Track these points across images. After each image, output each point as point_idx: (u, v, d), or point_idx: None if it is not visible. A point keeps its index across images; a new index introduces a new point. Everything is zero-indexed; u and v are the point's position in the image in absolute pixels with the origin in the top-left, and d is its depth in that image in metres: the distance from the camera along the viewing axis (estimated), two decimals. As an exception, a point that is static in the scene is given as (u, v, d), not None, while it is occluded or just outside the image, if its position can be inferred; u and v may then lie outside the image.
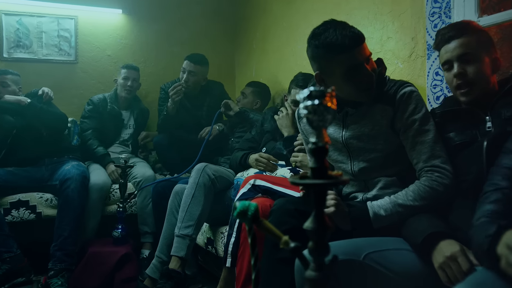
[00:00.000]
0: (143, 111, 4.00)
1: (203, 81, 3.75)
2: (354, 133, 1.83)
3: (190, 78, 3.63)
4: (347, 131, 1.84)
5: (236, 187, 2.72)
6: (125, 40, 4.33)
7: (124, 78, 3.80)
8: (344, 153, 1.89)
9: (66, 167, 3.15)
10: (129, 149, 3.88)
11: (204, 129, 3.67)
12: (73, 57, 4.15)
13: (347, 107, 1.81)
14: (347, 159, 1.88)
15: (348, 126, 1.84)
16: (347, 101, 1.80)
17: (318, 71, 1.77)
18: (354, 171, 1.87)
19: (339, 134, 1.86)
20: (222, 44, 4.61)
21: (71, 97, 4.14)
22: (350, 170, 1.88)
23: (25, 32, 4.01)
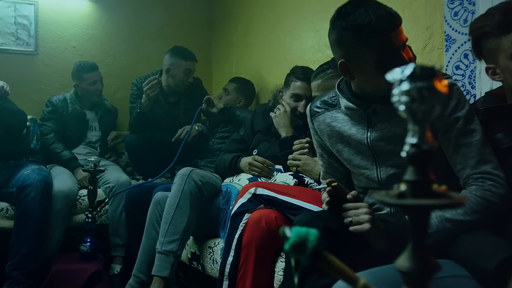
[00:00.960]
0: (109, 110, 3.62)
1: None
2: (382, 134, 1.53)
3: (192, 78, 3.39)
4: (374, 132, 1.54)
5: (225, 194, 2.39)
6: (92, 31, 3.93)
7: (92, 82, 3.40)
8: (369, 157, 1.58)
9: (24, 172, 2.73)
10: (97, 151, 3.47)
11: (182, 128, 3.32)
12: (32, 47, 3.70)
13: (374, 103, 1.51)
14: (372, 164, 1.58)
15: (375, 125, 1.54)
16: (375, 97, 1.50)
17: (344, 58, 1.46)
18: (380, 178, 1.57)
19: (363, 135, 1.56)
20: (197, 37, 4.26)
21: (31, 92, 3.71)
22: (375, 177, 1.58)
23: (-23, 19, 3.54)
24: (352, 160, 1.63)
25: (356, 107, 1.54)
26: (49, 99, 3.39)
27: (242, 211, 1.85)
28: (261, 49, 3.57)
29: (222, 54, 4.23)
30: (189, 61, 3.33)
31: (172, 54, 3.35)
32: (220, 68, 4.26)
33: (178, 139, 3.29)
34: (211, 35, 4.37)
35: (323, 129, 1.67)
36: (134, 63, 4.04)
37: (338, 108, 1.63)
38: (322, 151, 1.73)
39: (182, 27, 4.24)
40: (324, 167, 1.75)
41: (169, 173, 3.54)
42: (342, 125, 1.61)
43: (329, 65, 2.18)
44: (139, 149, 3.29)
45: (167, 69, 3.34)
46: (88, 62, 3.41)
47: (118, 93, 3.96)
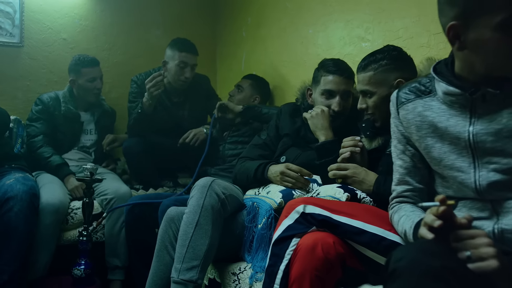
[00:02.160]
0: (106, 112, 3.20)
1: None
2: (489, 128, 1.19)
3: (191, 72, 2.95)
4: (478, 124, 1.20)
5: (251, 210, 2.00)
6: (85, 22, 3.50)
7: (91, 79, 2.98)
8: (467, 157, 1.23)
9: (7, 182, 2.29)
10: (91, 157, 3.05)
11: (188, 132, 2.91)
12: (17, 38, 3.26)
13: (484, 86, 1.16)
14: (469, 166, 1.22)
15: (481, 116, 1.21)
16: (485, 79, 1.18)
17: (456, 20, 1.14)
18: (478, 185, 1.21)
19: (463, 127, 1.23)
20: (201, 31, 3.85)
21: (14, 89, 3.28)
22: (471, 183, 1.22)
23: (-47, 5, 3.10)
24: (443, 160, 1.27)
25: (460, 91, 1.21)
26: (39, 96, 2.96)
27: (289, 235, 1.45)
28: (276, 43, 3.19)
29: (228, 50, 3.83)
30: (183, 52, 2.91)
31: (169, 46, 2.98)
32: (226, 65, 3.86)
33: (183, 144, 2.88)
34: (216, 29, 3.97)
35: (411, 119, 1.34)
36: (132, 59, 3.63)
37: (433, 95, 1.31)
38: (404, 147, 1.41)
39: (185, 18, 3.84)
40: (404, 168, 1.40)
41: (171, 181, 3.14)
42: (437, 114, 1.28)
43: (384, 55, 1.81)
44: (139, 154, 2.89)
45: (164, 62, 2.96)
46: (89, 57, 3.00)
47: (113, 91, 3.54)
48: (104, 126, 3.13)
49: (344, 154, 1.80)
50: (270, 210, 1.86)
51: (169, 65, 2.92)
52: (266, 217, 1.86)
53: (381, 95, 1.80)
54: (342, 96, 2.10)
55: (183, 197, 2.33)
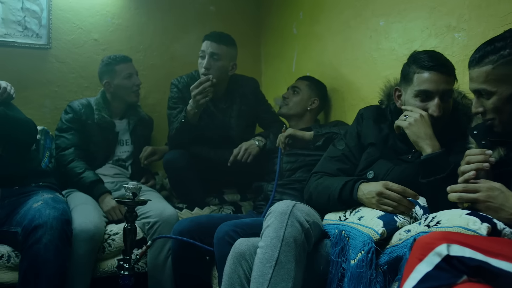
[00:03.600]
0: (143, 120, 2.83)
1: (231, 70, 2.63)
2: None
3: (212, 64, 2.51)
4: None
5: (338, 240, 1.59)
6: (118, 20, 3.15)
7: (127, 75, 2.65)
8: None
9: (34, 204, 1.93)
10: (128, 172, 2.67)
11: (239, 147, 2.51)
12: (44, 40, 2.92)
13: None
14: None
15: None
16: None
17: None
18: None
19: None
20: (243, 30, 3.46)
21: (41, 96, 2.94)
22: None
23: (-26, 2, 2.77)
24: None
25: None
26: (70, 103, 2.62)
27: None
28: (336, 40, 2.77)
29: (275, 50, 3.43)
30: (205, 41, 2.57)
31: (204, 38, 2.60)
32: (273, 67, 3.46)
33: (235, 162, 2.49)
34: (261, 27, 3.58)
35: None
36: (169, 61, 3.27)
37: None
38: None
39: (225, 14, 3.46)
40: None
41: (216, 198, 2.74)
42: None
43: (506, 42, 1.37)
44: (183, 169, 2.53)
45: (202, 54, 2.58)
46: (119, 54, 2.65)
47: (149, 97, 3.18)
48: (140, 136, 2.76)
49: (469, 172, 1.36)
50: (370, 242, 1.43)
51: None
52: (364, 252, 1.44)
53: (503, 94, 1.36)
54: (442, 97, 1.66)
55: (243, 221, 1.96)
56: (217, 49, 2.50)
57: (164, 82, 3.15)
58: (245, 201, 2.83)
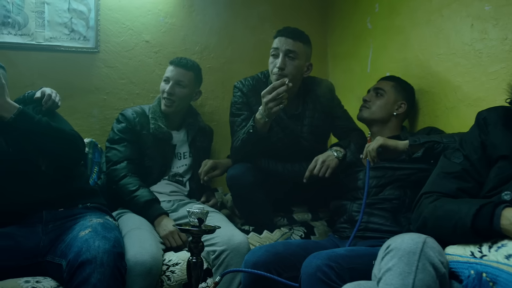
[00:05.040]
0: (203, 130, 2.52)
1: (306, 71, 2.28)
2: None
3: (288, 64, 2.16)
4: None
5: (476, 284, 1.17)
6: (172, 20, 2.84)
7: (164, 79, 2.37)
8: None
9: (81, 233, 1.62)
10: (186, 189, 2.35)
11: (315, 160, 2.14)
12: (91, 43, 2.64)
13: None
14: None
15: None
16: None
17: None
18: None
19: None
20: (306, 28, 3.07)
21: (89, 105, 2.65)
22: None
23: (17, 3, 2.52)
24: None
25: None
26: (123, 111, 2.34)
27: None
28: (424, 32, 2.36)
29: (345, 49, 3.05)
30: (278, 37, 2.21)
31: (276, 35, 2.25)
32: (342, 67, 3.07)
33: (310, 178, 2.12)
34: (327, 24, 3.21)
35: None
36: (228, 63, 2.94)
37: None
38: None
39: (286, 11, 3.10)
40: None
41: (285, 218, 2.38)
42: None
43: None
44: (250, 186, 2.16)
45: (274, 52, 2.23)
46: (180, 57, 2.46)
47: (207, 104, 2.86)
48: (200, 148, 2.44)
49: None
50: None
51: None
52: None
53: None
54: None
55: (337, 252, 1.61)
56: (294, 46, 2.15)
57: (222, 87, 2.86)
58: (317, 221, 2.46)
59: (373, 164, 1.95)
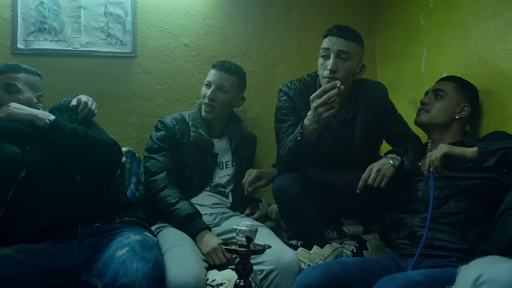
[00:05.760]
0: (246, 138, 2.36)
1: (359, 73, 2.09)
2: None
3: (339, 65, 1.98)
4: None
5: None
6: (211, 21, 2.71)
7: (206, 83, 2.21)
8: None
9: (118, 252, 1.49)
10: (229, 201, 2.20)
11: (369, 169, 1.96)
12: (129, 47, 2.54)
13: None
14: None
15: None
16: None
17: None
18: None
19: None
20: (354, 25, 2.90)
21: (126, 113, 2.56)
22: None
23: (53, 9, 2.44)
24: None
25: None
26: (161, 119, 2.21)
27: None
28: (488, 27, 2.14)
29: (395, 49, 2.84)
30: (329, 36, 2.02)
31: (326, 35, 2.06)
32: (392, 68, 2.87)
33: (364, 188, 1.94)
34: (374, 25, 3.01)
35: None
36: (270, 66, 2.79)
37: None
38: None
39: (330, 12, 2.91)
40: None
41: (334, 231, 2.20)
42: None
43: None
44: (298, 198, 1.98)
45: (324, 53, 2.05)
46: (224, 60, 2.31)
47: (249, 110, 2.70)
48: (243, 157, 2.29)
49: None
50: None
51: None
52: None
53: None
54: None
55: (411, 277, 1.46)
56: (346, 47, 1.97)
57: (264, 91, 2.72)
58: (368, 234, 2.26)
59: (437, 175, 1.75)
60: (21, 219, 1.66)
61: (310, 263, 1.96)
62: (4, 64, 1.90)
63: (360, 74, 2.09)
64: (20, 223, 1.65)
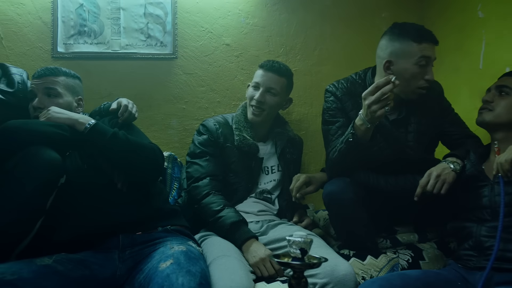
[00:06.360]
0: (293, 141, 2.24)
1: None
2: None
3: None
4: None
5: None
6: (253, 20, 2.60)
7: (254, 85, 2.10)
8: None
9: (161, 265, 1.40)
10: (275, 208, 2.08)
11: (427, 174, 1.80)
12: (169, 48, 2.47)
13: None
14: None
15: None
16: None
17: None
18: None
19: None
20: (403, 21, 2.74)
21: (167, 116, 2.50)
22: None
23: (93, 11, 2.39)
24: None
25: None
26: (204, 122, 2.12)
27: None
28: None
29: (449, 43, 2.64)
30: (425, 43, 1.86)
31: (392, 37, 1.90)
32: (446, 64, 2.68)
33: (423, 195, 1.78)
34: (425, 17, 2.83)
35: None
36: (316, 65, 2.66)
37: None
38: None
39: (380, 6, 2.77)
40: None
41: (388, 240, 2.05)
42: None
43: None
44: (350, 204, 1.85)
45: (387, 63, 1.88)
46: (273, 60, 2.18)
47: (293, 111, 2.59)
48: (289, 161, 2.17)
49: None
50: None
51: (398, 66, 1.88)
52: None
53: None
54: None
55: None
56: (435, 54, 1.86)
57: (310, 91, 2.61)
58: (424, 243, 2.10)
59: (506, 179, 1.59)
60: (61, 227, 1.59)
61: (364, 275, 1.83)
62: (44, 67, 1.85)
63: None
64: (59, 231, 1.59)
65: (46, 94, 1.79)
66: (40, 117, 1.69)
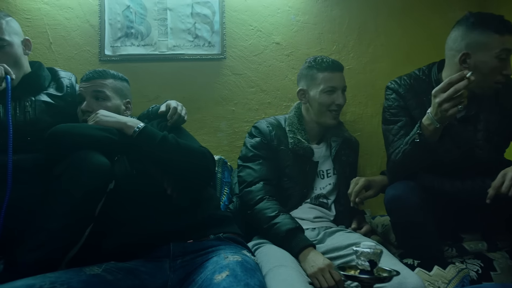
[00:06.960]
0: (349, 143, 2.11)
1: None
2: None
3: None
4: None
5: None
6: (304, 17, 2.50)
7: (329, 89, 1.96)
8: None
9: (216, 276, 1.29)
10: (332, 214, 1.96)
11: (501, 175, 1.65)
12: (217, 48, 2.39)
13: None
14: None
15: None
16: None
17: None
18: None
19: None
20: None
21: (216, 118, 2.43)
22: None
23: (140, 12, 2.35)
24: None
25: None
26: (256, 124, 2.03)
27: None
28: None
29: None
30: (507, 34, 1.70)
31: (469, 27, 1.76)
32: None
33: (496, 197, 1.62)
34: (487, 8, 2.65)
35: None
36: (370, 63, 2.53)
37: None
38: None
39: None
40: None
41: (454, 248, 1.89)
42: None
43: None
44: (415, 209, 1.71)
45: (464, 55, 1.73)
46: (328, 58, 2.02)
47: (347, 112, 2.47)
48: (345, 164, 2.04)
49: None
50: None
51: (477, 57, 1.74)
52: None
53: None
54: None
55: None
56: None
57: (364, 90, 2.48)
58: (494, 252, 1.92)
59: None
60: (110, 235, 1.53)
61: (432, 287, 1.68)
62: (92, 70, 1.81)
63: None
64: (108, 239, 1.53)
65: (95, 97, 1.75)
66: (88, 120, 1.65)
